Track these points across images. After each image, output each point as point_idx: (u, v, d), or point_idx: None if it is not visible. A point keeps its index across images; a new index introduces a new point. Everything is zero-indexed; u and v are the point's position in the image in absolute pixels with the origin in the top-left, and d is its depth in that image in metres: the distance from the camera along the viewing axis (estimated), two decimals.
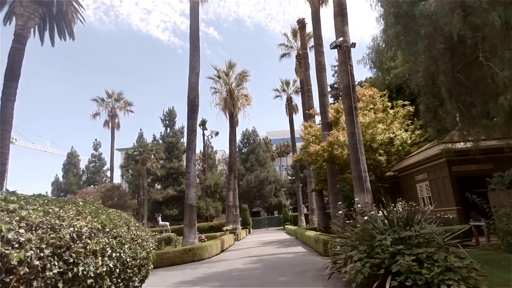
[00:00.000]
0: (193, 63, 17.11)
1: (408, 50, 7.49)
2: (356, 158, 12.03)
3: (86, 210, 4.55)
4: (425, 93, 7.79)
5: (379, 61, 11.42)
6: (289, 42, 28.89)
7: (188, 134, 16.30)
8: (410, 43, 7.37)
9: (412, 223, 5.50)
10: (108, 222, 4.75)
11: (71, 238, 3.68)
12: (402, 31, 7.42)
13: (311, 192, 23.24)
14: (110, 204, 39.18)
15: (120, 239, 4.93)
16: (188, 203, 15.58)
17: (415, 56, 7.33)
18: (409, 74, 8.46)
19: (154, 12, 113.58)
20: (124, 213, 6.05)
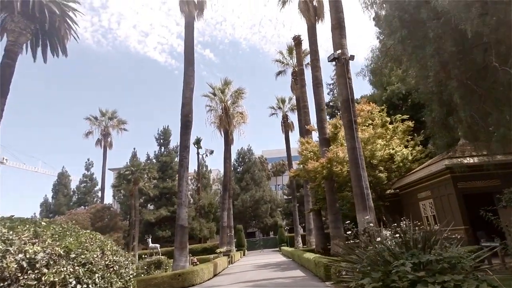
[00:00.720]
0: (187, 78, 16.63)
1: (415, 55, 7.02)
2: (357, 174, 11.37)
3: (47, 232, 3.79)
4: (433, 101, 7.26)
5: (379, 72, 10.95)
6: (284, 59, 28.81)
7: (180, 151, 15.59)
8: (417, 47, 6.91)
9: (431, 244, 4.79)
10: (75, 246, 3.98)
11: (20, 267, 2.93)
12: (408, 35, 6.97)
13: (309, 212, 22.39)
14: (100, 226, 37.69)
15: (91, 266, 4.14)
16: (179, 224, 14.66)
17: (423, 61, 6.84)
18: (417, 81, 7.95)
19: (151, 34, 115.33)
20: (100, 235, 5.27)
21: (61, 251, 3.64)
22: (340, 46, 12.56)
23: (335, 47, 12.73)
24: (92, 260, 4.30)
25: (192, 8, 17.54)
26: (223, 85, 31.57)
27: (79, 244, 4.10)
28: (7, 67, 19.04)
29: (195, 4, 18.12)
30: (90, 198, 60.27)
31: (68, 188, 66.31)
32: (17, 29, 19.66)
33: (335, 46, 12.72)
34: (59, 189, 64.68)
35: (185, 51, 17.13)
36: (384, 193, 16.99)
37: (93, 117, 43.99)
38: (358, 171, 11.35)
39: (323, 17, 18.75)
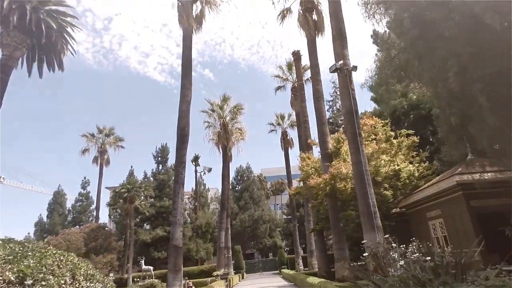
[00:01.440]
0: (184, 90, 16.14)
1: (429, 56, 6.49)
2: (363, 191, 10.63)
3: None
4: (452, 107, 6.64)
5: (384, 82, 10.43)
6: (284, 75, 28.57)
7: (176, 166, 14.87)
8: (431, 49, 6.38)
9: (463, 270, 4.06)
10: (33, 271, 3.25)
11: None
12: (420, 36, 6.47)
13: (310, 232, 21.41)
14: (94, 246, 36.37)
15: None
16: (174, 244, 13.74)
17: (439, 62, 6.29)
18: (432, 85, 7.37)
19: (152, 55, 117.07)
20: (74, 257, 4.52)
21: (12, 277, 2.91)
22: (342, 57, 12.11)
23: (336, 58, 12.29)
24: (57, 287, 3.54)
25: (191, 21, 17.29)
26: (221, 101, 31.21)
27: (42, 267, 3.36)
28: (0, 81, 18.57)
29: (194, 18, 17.89)
30: (85, 217, 58.79)
31: (63, 207, 64.91)
32: (13, 43, 19.34)
33: (337, 57, 12.29)
34: (55, 208, 63.28)
35: (182, 63, 16.73)
36: (390, 212, 16.15)
37: (90, 134, 43.40)
38: (364, 187, 10.62)
39: (323, 30, 18.50)
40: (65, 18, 21.61)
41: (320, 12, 18.50)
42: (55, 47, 21.52)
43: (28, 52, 21.87)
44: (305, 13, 18.23)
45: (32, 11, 19.18)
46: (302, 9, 18.65)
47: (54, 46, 21.48)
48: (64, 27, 21.63)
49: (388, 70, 10.54)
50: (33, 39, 20.77)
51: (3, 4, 18.20)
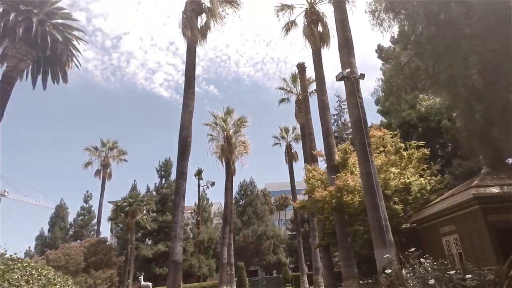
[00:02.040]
0: (186, 100, 15.85)
1: (448, 54, 6.09)
2: (373, 203, 10.05)
3: None
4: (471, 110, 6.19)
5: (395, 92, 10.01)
6: (288, 87, 28.33)
7: (177, 177, 14.40)
8: (450, 47, 5.99)
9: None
10: None
11: None
12: (436, 34, 6.09)
13: (316, 248, 20.61)
14: (94, 261, 35.53)
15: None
16: (173, 259, 13.11)
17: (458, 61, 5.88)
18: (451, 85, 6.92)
19: (158, 72, 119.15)
20: (51, 271, 4.02)
21: None
22: (349, 65, 11.75)
23: (343, 66, 11.93)
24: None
25: (196, 32, 17.17)
26: (225, 113, 30.94)
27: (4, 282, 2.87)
28: (2, 92, 18.46)
29: (198, 29, 17.79)
30: (87, 231, 58.03)
31: (65, 221, 64.26)
32: (18, 55, 19.33)
33: (343, 65, 11.93)
34: (56, 222, 62.67)
35: (185, 73, 16.51)
36: (400, 227, 15.44)
37: (93, 148, 43.23)
38: (375, 200, 10.04)
39: (329, 42, 18.29)
40: (71, 32, 21.68)
41: (326, 24, 18.35)
42: (60, 60, 21.51)
43: (33, 64, 21.92)
44: (310, 25, 18.08)
45: (39, 23, 19.23)
46: (308, 21, 18.53)
47: (59, 59, 21.47)
48: (70, 40, 21.67)
49: (398, 78, 10.15)
50: (39, 51, 20.80)
51: (3, 16, 18.23)
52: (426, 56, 7.17)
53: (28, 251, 61.27)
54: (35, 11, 19.07)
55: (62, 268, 32.79)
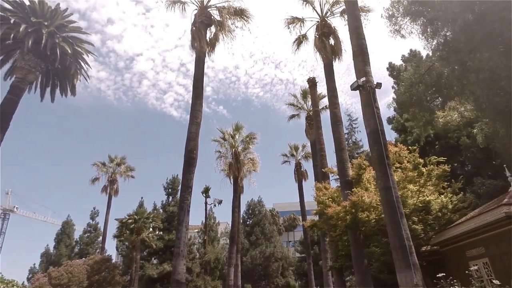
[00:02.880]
0: (194, 112, 15.34)
1: (489, 42, 5.39)
2: (394, 221, 9.12)
3: None
4: None
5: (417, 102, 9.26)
6: (298, 103, 27.77)
7: (182, 191, 13.67)
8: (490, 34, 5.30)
9: None
10: None
11: None
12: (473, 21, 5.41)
13: (328, 271, 19.34)
14: (97, 279, 34.42)
15: None
16: (176, 279, 12.18)
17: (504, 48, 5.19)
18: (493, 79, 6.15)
19: (169, 92, 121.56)
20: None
21: None
22: (364, 74, 11.12)
23: (358, 74, 11.31)
24: None
25: (204, 43, 16.90)
26: (233, 130, 30.42)
27: None
28: (9, 102, 18.33)
29: (207, 41, 17.54)
30: (92, 249, 57.14)
31: (71, 238, 63.53)
32: (27, 67, 19.32)
33: (358, 73, 11.31)
34: (62, 239, 62.01)
35: (193, 85, 16.11)
36: (420, 249, 14.29)
37: (101, 163, 42.96)
38: (396, 217, 9.11)
39: (341, 55, 17.82)
40: (81, 44, 21.74)
41: (337, 36, 17.95)
42: (69, 72, 21.49)
43: (42, 76, 21.94)
44: (322, 37, 17.68)
45: (48, 36, 19.30)
46: (319, 33, 18.16)
47: (68, 71, 21.46)
48: (79, 53, 21.70)
49: (419, 87, 9.43)
50: (48, 63, 20.82)
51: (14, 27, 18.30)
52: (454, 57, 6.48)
53: (33, 268, 60.41)
54: (45, 23, 19.16)
55: (64, 286, 31.83)
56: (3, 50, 20.38)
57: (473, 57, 5.95)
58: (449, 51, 6.82)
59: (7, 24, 18.40)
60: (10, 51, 20.60)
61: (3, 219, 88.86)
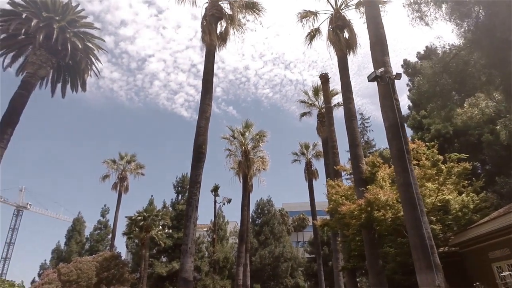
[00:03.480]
0: (203, 106, 15.00)
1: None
2: (415, 218, 8.57)
3: None
4: None
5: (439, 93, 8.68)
6: (310, 100, 27.17)
7: (190, 187, 13.33)
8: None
9: None
10: None
11: None
12: None
13: (340, 271, 18.76)
14: (106, 276, 34.45)
15: None
16: (183, 277, 11.83)
17: None
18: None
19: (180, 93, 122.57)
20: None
21: None
22: (383, 64, 10.58)
23: (376, 65, 10.77)
24: None
25: (214, 37, 16.55)
26: (243, 127, 30.02)
27: None
28: (19, 97, 18.29)
29: (217, 35, 17.19)
30: (102, 246, 57.51)
31: (81, 235, 64.04)
32: (38, 62, 19.27)
33: (376, 64, 10.77)
34: (73, 236, 62.58)
35: (203, 78, 15.77)
36: (438, 250, 13.65)
37: (111, 161, 43.10)
38: (416, 214, 8.56)
39: (355, 48, 17.26)
40: (92, 40, 21.63)
41: (352, 29, 17.37)
42: (79, 67, 21.40)
43: (53, 72, 21.94)
44: (336, 30, 17.13)
45: (60, 31, 19.22)
46: (333, 26, 17.61)
47: (78, 66, 21.37)
48: (90, 49, 21.59)
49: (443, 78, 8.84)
50: (59, 59, 20.77)
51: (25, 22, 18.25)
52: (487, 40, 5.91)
53: (43, 264, 61.12)
54: (57, 18, 19.08)
55: (73, 282, 31.90)
56: (16, 45, 20.44)
57: None
58: (482, 32, 6.28)
59: (19, 19, 18.36)
60: (22, 46, 20.63)
61: (16, 215, 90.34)
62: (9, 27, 17.98)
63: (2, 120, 17.65)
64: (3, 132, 17.35)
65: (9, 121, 17.81)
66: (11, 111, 17.92)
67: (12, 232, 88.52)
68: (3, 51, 20.18)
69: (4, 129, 17.49)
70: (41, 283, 32.08)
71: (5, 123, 17.61)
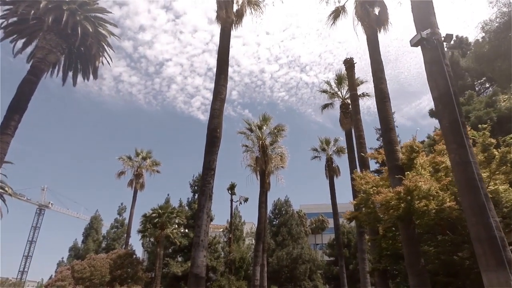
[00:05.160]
0: (218, 87, 13.66)
1: None
2: (478, 204, 6.86)
3: None
4: None
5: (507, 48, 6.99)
6: (332, 90, 25.33)
7: (203, 174, 11.95)
8: None
9: None
10: None
11: None
12: None
13: (370, 272, 16.92)
14: (119, 274, 33.62)
15: None
16: (194, 273, 10.45)
17: None
18: None
19: (196, 96, 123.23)
20: None
21: None
22: (429, 25, 8.90)
23: (420, 27, 9.09)
24: None
25: (230, 13, 15.22)
26: (261, 121, 28.53)
27: None
28: (28, 83, 17.51)
29: (233, 12, 15.86)
30: (118, 244, 57.24)
31: (98, 233, 64.14)
32: (47, 46, 18.47)
33: (421, 25, 9.09)
34: (90, 234, 62.75)
35: (218, 58, 14.45)
36: None
37: (127, 157, 42.46)
38: (479, 199, 6.86)
39: (387, 25, 15.52)
40: (104, 24, 20.73)
41: (384, 3, 15.66)
42: (90, 53, 20.53)
43: (65, 59, 21.20)
44: (365, 5, 15.45)
45: (70, 13, 18.38)
46: (361, 0, 15.94)
47: (89, 52, 20.51)
48: (102, 34, 20.69)
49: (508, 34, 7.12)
50: (70, 45, 19.97)
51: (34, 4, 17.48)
52: None
53: (61, 262, 61.41)
54: (67, 0, 18.25)
55: (86, 280, 31.20)
56: (27, 31, 19.78)
57: None
58: None
59: (28, 1, 17.62)
60: (33, 32, 19.95)
61: (38, 214, 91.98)
62: (17, 9, 17.26)
63: (9, 106, 16.91)
64: (10, 118, 16.58)
65: (17, 107, 17.02)
66: (19, 97, 17.16)
67: (34, 230, 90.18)
68: (14, 36, 19.55)
69: (11, 116, 16.70)
70: (55, 280, 31.57)
71: (12, 109, 16.85)
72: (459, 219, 11.17)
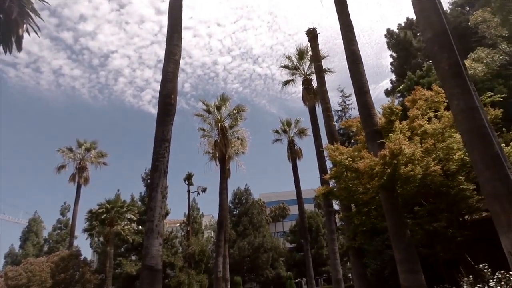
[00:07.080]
0: (170, 47, 11.54)
1: None
2: (492, 156, 5.83)
3: None
4: None
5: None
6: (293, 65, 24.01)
7: (155, 147, 9.86)
8: None
9: None
10: None
11: None
12: None
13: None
14: (63, 278, 29.98)
15: None
16: (147, 265, 8.45)
17: None
18: None
19: (146, 89, 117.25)
20: None
21: None
22: None
23: None
24: None
25: None
26: (219, 101, 26.56)
27: None
28: None
29: None
30: (63, 247, 51.86)
31: (39, 236, 58.25)
32: None
33: None
34: (29, 237, 56.68)
35: (169, 15, 12.26)
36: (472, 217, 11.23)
37: (67, 149, 37.90)
38: (492, 149, 5.79)
39: None
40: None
41: None
42: (10, 18, 17.02)
43: None
44: None
45: None
46: None
47: (9, 17, 17.00)
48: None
49: None
50: None
51: None
52: None
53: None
54: None
55: (23, 287, 27.37)
56: None
57: None
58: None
59: None
60: None
61: None
62: None
63: None
64: None
65: None
66: None
67: None
68: None
69: None
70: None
71: None
72: (442, 185, 10.44)
